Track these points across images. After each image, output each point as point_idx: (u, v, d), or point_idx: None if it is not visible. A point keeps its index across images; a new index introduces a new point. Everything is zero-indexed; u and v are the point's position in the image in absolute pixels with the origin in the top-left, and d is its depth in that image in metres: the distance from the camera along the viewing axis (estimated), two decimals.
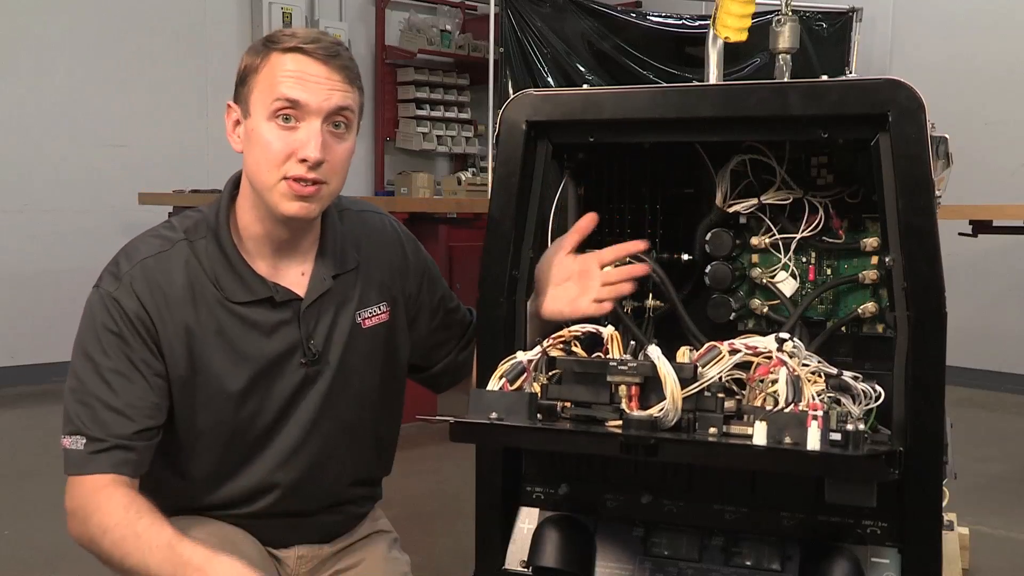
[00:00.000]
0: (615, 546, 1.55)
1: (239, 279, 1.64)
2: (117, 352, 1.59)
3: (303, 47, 1.56)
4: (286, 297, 1.66)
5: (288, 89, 1.55)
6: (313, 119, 1.56)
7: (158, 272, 1.62)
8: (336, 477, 1.75)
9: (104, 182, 6.07)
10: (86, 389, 1.59)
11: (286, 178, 1.57)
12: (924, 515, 1.37)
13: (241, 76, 1.62)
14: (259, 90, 1.58)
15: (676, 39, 7.10)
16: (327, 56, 1.57)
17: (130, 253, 1.65)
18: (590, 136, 1.53)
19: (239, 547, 1.66)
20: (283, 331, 1.66)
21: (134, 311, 1.59)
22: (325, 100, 1.56)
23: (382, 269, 1.77)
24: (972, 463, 4.19)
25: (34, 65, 5.91)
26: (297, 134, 1.56)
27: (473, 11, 8.03)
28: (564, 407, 1.38)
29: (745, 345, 1.35)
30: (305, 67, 1.56)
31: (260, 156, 1.58)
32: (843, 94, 1.37)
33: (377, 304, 1.75)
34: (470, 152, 8.04)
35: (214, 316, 1.63)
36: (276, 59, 1.57)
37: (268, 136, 1.56)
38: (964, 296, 4.72)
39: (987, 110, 6.01)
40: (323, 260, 1.69)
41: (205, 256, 1.64)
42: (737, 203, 1.56)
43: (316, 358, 1.68)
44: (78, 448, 1.58)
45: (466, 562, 1.64)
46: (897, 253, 1.36)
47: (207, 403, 1.64)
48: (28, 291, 5.79)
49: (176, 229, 1.67)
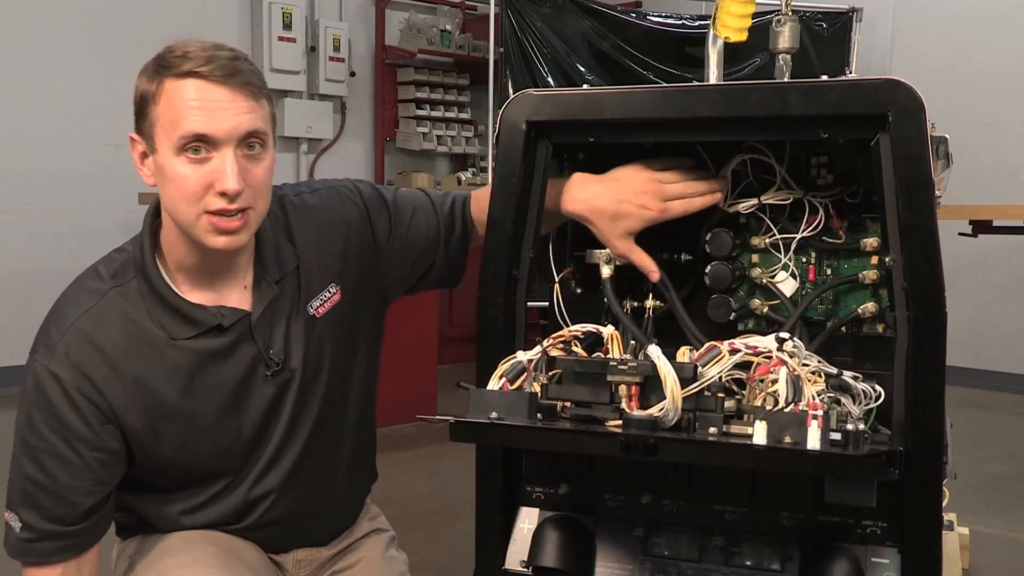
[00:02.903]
0: (615, 546, 1.55)
1: (179, 315, 1.56)
2: (51, 434, 1.52)
3: (199, 71, 1.45)
4: (234, 318, 1.58)
5: (193, 124, 1.45)
6: (225, 148, 1.47)
7: (93, 332, 1.53)
8: (321, 472, 1.71)
9: (104, 182, 6.06)
10: (22, 471, 1.54)
11: (208, 212, 1.48)
12: (924, 515, 1.37)
13: (138, 106, 1.51)
14: (161, 124, 1.47)
15: (676, 39, 7.09)
16: (226, 76, 1.46)
17: (59, 318, 1.56)
18: (590, 136, 1.53)
19: (240, 555, 1.66)
20: (240, 351, 1.59)
21: (73, 383, 1.51)
22: (234, 128, 1.47)
23: (323, 251, 1.68)
24: (972, 463, 4.19)
25: (34, 65, 5.91)
26: (211, 164, 1.47)
27: (473, 11, 8.03)
28: (564, 407, 1.38)
29: (745, 345, 1.35)
30: (205, 93, 1.45)
31: (175, 193, 1.49)
32: (843, 94, 1.37)
33: (325, 288, 1.67)
34: (470, 152, 8.03)
35: (166, 358, 1.55)
36: (172, 87, 1.47)
37: (181, 171, 1.47)
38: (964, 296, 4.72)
39: (987, 110, 6.01)
40: (263, 268, 1.61)
41: (139, 298, 1.55)
42: (737, 203, 1.56)
43: (280, 367, 1.62)
44: (15, 530, 1.55)
45: (466, 562, 1.64)
46: (897, 253, 1.36)
47: (180, 443, 1.59)
48: (28, 291, 5.79)
49: (103, 278, 1.57)
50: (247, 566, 1.64)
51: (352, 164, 7.48)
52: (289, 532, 1.74)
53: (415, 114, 7.67)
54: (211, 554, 1.61)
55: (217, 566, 1.59)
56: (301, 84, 7.08)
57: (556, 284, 1.60)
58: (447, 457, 1.92)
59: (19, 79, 5.86)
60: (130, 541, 1.71)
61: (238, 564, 1.63)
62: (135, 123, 1.54)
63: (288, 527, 1.73)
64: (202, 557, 1.60)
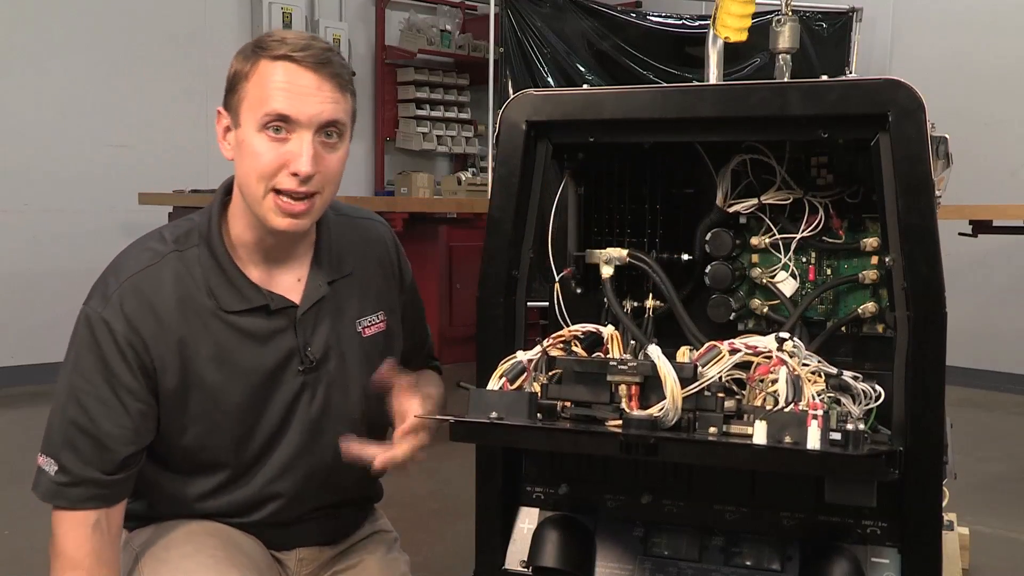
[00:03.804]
0: (615, 546, 1.55)
1: (233, 288, 1.60)
2: (98, 378, 1.55)
3: (292, 55, 1.52)
4: (281, 304, 1.63)
5: (278, 103, 1.52)
6: (304, 132, 1.53)
7: (148, 288, 1.57)
8: (336, 482, 1.74)
9: (104, 182, 6.06)
10: (65, 414, 1.57)
11: (277, 191, 1.54)
12: (924, 515, 1.37)
13: (231, 83, 1.58)
14: (249, 100, 1.54)
15: (676, 39, 7.09)
16: (317, 64, 1.53)
17: (118, 269, 1.61)
18: (590, 136, 1.53)
19: (243, 548, 1.67)
20: (279, 339, 1.63)
21: (123, 334, 1.55)
22: (316, 114, 1.53)
23: (377, 279, 1.75)
24: (972, 463, 4.19)
25: (34, 65, 5.90)
26: (288, 146, 1.53)
27: (473, 11, 8.03)
28: (564, 407, 1.38)
29: (745, 345, 1.36)
30: (295, 78, 1.52)
31: (250, 167, 1.55)
32: (843, 94, 1.37)
33: (375, 312, 1.74)
34: (470, 152, 8.03)
35: (208, 328, 1.59)
36: (265, 68, 1.53)
37: (258, 147, 1.53)
38: (964, 296, 4.72)
39: (987, 110, 6.01)
40: (319, 266, 1.67)
41: (197, 265, 1.60)
42: (737, 203, 1.56)
43: (314, 365, 1.66)
44: (49, 473, 1.57)
45: (466, 562, 1.64)
46: (897, 253, 1.36)
47: (203, 417, 1.62)
48: (28, 291, 5.79)
49: (166, 240, 1.63)
50: (248, 558, 1.66)
51: (352, 164, 7.43)
52: (295, 531, 1.75)
53: (415, 114, 7.68)
54: (212, 545, 1.63)
55: (220, 556, 1.61)
56: None
57: (556, 284, 1.60)
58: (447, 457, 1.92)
59: (19, 79, 5.86)
60: (137, 533, 1.72)
61: (240, 555, 1.64)
62: (224, 98, 1.60)
63: (295, 527, 1.74)
64: (204, 548, 1.62)
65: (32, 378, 5.63)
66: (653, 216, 1.64)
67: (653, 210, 1.64)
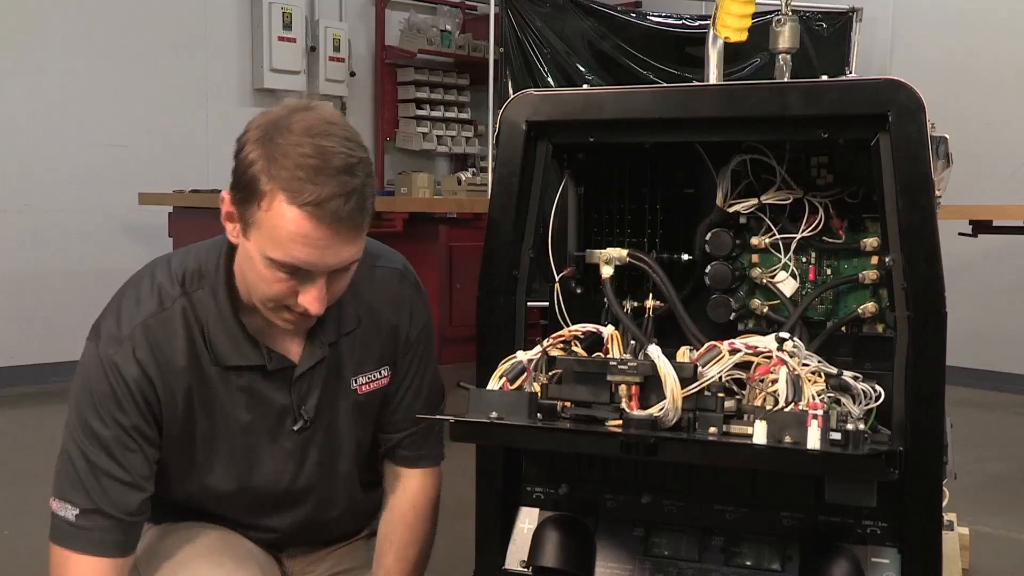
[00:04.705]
0: (615, 546, 1.55)
1: (232, 342, 1.56)
2: (113, 420, 1.51)
3: (316, 211, 1.36)
4: (279, 366, 1.59)
5: (295, 259, 1.40)
6: (319, 276, 1.44)
7: (160, 334, 1.53)
8: (331, 527, 1.78)
9: (104, 182, 6.06)
10: (84, 456, 1.52)
11: (286, 307, 1.47)
12: (924, 515, 1.37)
13: (245, 189, 1.41)
14: (261, 231, 1.41)
15: (676, 39, 7.09)
16: (338, 219, 1.38)
17: (129, 309, 1.55)
18: (590, 136, 1.53)
19: (240, 547, 1.68)
20: (275, 397, 1.60)
21: (135, 379, 1.51)
22: (335, 264, 1.43)
23: (384, 332, 1.68)
24: (972, 463, 4.18)
25: (34, 65, 5.90)
26: (300, 281, 1.44)
27: (473, 11, 8.02)
28: (564, 407, 1.38)
29: (745, 345, 1.36)
30: (316, 234, 1.38)
31: (258, 281, 1.47)
32: (843, 94, 1.37)
33: (378, 368, 1.69)
34: (470, 152, 8.03)
35: (209, 380, 1.56)
36: (289, 213, 1.37)
37: (267, 276, 1.44)
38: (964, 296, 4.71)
39: (987, 110, 6.00)
40: (322, 327, 1.60)
41: (202, 310, 1.55)
42: (737, 203, 1.56)
43: (308, 424, 1.63)
44: (67, 518, 1.52)
45: (466, 562, 1.64)
46: (897, 253, 1.36)
47: (199, 467, 1.61)
48: (28, 291, 5.79)
49: (174, 279, 1.57)
50: (244, 548, 1.68)
51: None
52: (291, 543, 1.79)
53: (415, 114, 7.67)
54: (208, 535, 1.66)
55: (214, 546, 1.64)
56: (301, 84, 7.06)
57: (556, 284, 1.60)
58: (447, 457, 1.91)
59: (19, 79, 5.86)
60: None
61: (236, 545, 1.67)
62: (232, 188, 1.44)
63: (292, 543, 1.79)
64: (200, 543, 1.65)
65: (32, 378, 5.63)
66: (653, 216, 1.64)
67: (653, 210, 1.64)
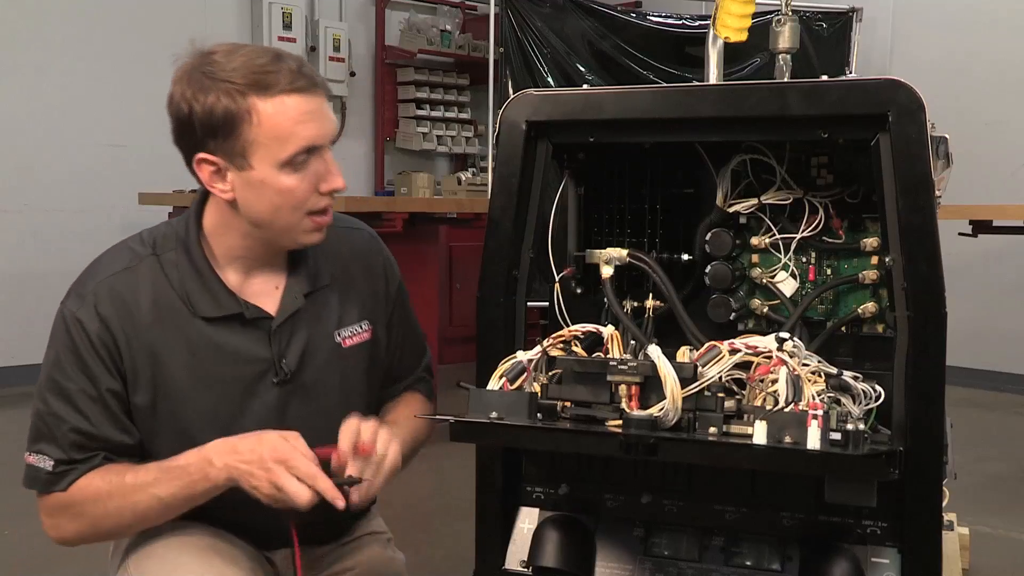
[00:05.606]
0: (615, 546, 1.55)
1: (209, 293, 1.58)
2: (81, 376, 1.54)
3: (295, 87, 1.50)
4: (256, 315, 1.60)
5: (305, 138, 1.51)
6: (325, 151, 1.55)
7: (124, 290, 1.56)
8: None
9: (104, 182, 6.06)
10: (52, 411, 1.56)
11: (312, 212, 1.55)
12: (924, 515, 1.37)
13: (224, 126, 1.50)
14: (262, 142, 1.50)
15: (676, 39, 7.09)
16: (313, 86, 1.53)
17: (96, 270, 1.60)
18: (590, 136, 1.53)
19: (229, 540, 1.65)
20: (254, 350, 1.61)
21: (97, 334, 1.54)
22: (332, 131, 1.55)
23: (361, 288, 1.73)
24: (972, 463, 4.19)
25: (34, 65, 5.90)
26: (311, 167, 1.53)
27: (473, 11, 8.02)
28: (564, 407, 1.38)
29: (745, 345, 1.36)
30: (308, 106, 1.52)
31: (280, 203, 1.53)
32: (843, 94, 1.37)
33: (359, 322, 1.71)
34: (470, 152, 8.03)
35: (183, 336, 1.57)
36: (275, 106, 1.49)
37: (287, 183, 1.52)
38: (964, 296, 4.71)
39: (987, 110, 6.01)
40: (296, 277, 1.65)
41: (174, 269, 1.58)
42: (737, 203, 1.56)
43: (289, 377, 1.63)
44: (45, 468, 1.56)
45: (466, 562, 1.64)
46: (897, 253, 1.36)
47: (173, 427, 1.59)
48: (28, 291, 5.79)
49: (144, 243, 1.62)
50: (234, 547, 1.65)
51: (352, 164, 7.47)
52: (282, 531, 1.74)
53: (415, 114, 7.67)
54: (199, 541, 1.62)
55: (204, 545, 1.61)
56: None
57: (556, 284, 1.60)
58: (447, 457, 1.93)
59: (19, 79, 5.86)
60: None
61: (225, 545, 1.64)
62: (209, 143, 1.52)
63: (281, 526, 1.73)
64: (189, 541, 1.62)
65: (32, 378, 5.60)
66: (653, 216, 1.64)
67: (653, 210, 1.64)
